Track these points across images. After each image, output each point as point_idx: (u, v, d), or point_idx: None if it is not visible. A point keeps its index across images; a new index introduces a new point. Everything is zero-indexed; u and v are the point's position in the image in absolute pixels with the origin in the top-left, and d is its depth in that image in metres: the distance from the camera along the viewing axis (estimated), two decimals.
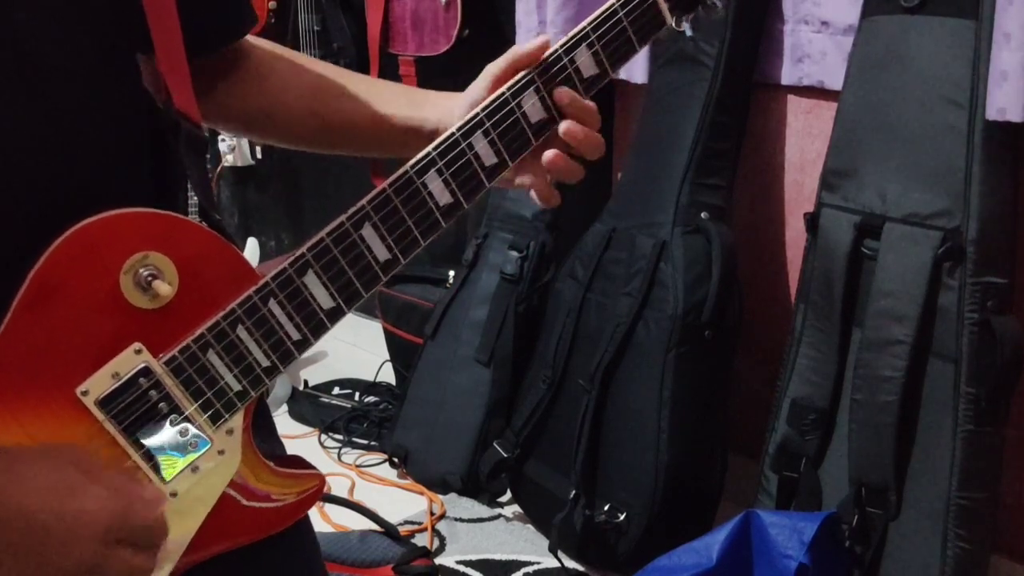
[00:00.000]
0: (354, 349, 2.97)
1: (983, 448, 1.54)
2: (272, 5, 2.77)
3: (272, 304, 0.79)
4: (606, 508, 1.90)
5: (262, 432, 0.88)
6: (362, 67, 2.62)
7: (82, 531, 0.66)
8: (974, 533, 1.54)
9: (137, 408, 0.74)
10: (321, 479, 0.87)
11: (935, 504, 1.55)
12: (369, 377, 2.84)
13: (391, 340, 2.71)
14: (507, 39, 2.28)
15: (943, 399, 1.55)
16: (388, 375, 2.79)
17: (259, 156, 3.27)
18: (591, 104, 0.88)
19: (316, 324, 0.81)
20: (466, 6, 2.36)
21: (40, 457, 0.68)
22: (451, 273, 2.47)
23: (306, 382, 2.84)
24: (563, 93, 0.86)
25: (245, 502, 0.82)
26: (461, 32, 2.38)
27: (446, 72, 2.45)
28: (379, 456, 2.47)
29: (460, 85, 0.94)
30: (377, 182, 2.51)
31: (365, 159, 2.61)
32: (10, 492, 0.65)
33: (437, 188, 0.83)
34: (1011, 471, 1.69)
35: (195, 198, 0.84)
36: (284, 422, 2.66)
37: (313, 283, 0.80)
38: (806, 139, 1.98)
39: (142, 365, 0.74)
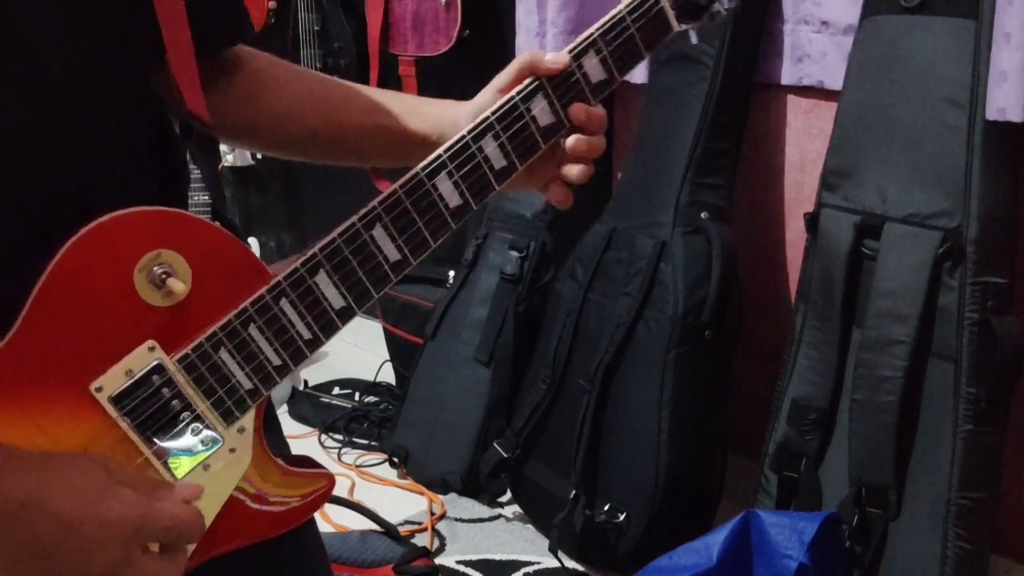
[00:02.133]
0: (354, 349, 2.97)
1: (983, 448, 1.55)
2: (272, 5, 2.77)
3: (284, 303, 0.79)
4: (606, 508, 1.90)
5: (269, 432, 0.88)
6: (362, 67, 2.63)
7: (110, 534, 0.66)
8: (974, 533, 1.54)
9: (150, 405, 0.75)
10: (331, 479, 0.87)
11: (935, 504, 1.55)
12: (369, 377, 2.84)
13: (391, 340, 2.71)
14: (507, 39, 2.29)
15: (943, 399, 1.56)
16: (388, 375, 2.80)
17: (259, 156, 3.28)
18: (601, 112, 0.88)
19: (327, 323, 0.81)
20: (466, 6, 2.37)
21: (71, 462, 0.69)
22: (451, 273, 2.47)
23: (306, 382, 2.84)
24: (578, 110, 0.86)
25: (254, 502, 0.82)
26: (461, 32, 2.39)
27: (446, 72, 2.45)
28: (379, 456, 2.47)
29: (460, 85, 0.94)
30: (378, 183, 2.51)
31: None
32: (42, 495, 0.65)
33: (447, 190, 0.84)
34: (1011, 471, 1.70)
35: (200, 198, 0.84)
36: (284, 422, 2.62)
37: (324, 283, 0.80)
38: (806, 139, 1.98)
39: (155, 362, 0.74)
